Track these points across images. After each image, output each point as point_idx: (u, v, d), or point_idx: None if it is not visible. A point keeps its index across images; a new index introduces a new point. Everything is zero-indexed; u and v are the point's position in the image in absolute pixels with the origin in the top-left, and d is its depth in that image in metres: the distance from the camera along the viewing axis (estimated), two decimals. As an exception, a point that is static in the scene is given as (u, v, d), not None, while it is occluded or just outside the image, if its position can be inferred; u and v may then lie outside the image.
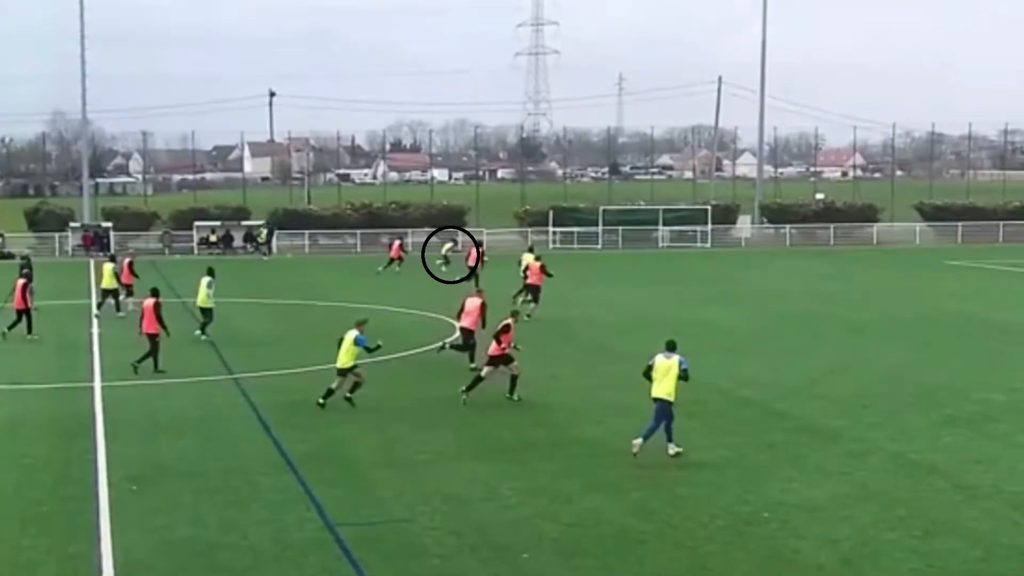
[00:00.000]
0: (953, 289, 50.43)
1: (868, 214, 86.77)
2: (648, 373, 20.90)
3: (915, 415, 24.28)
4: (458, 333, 30.39)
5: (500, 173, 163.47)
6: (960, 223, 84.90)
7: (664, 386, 20.67)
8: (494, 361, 25.52)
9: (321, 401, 24.85)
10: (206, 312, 34.88)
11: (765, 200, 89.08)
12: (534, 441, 22.16)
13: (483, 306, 29.86)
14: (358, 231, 78.55)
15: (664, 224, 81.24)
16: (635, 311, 42.66)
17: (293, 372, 29.50)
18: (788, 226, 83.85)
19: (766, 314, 41.69)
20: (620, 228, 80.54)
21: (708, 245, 79.46)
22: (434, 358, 30.89)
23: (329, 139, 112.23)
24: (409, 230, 78.35)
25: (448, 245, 63.39)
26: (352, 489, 18.86)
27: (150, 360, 29.12)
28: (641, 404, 25.32)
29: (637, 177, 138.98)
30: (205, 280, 35.18)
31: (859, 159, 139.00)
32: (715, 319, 40.01)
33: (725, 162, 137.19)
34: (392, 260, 59.71)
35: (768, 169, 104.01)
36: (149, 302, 29.54)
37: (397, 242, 62.48)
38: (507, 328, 25.52)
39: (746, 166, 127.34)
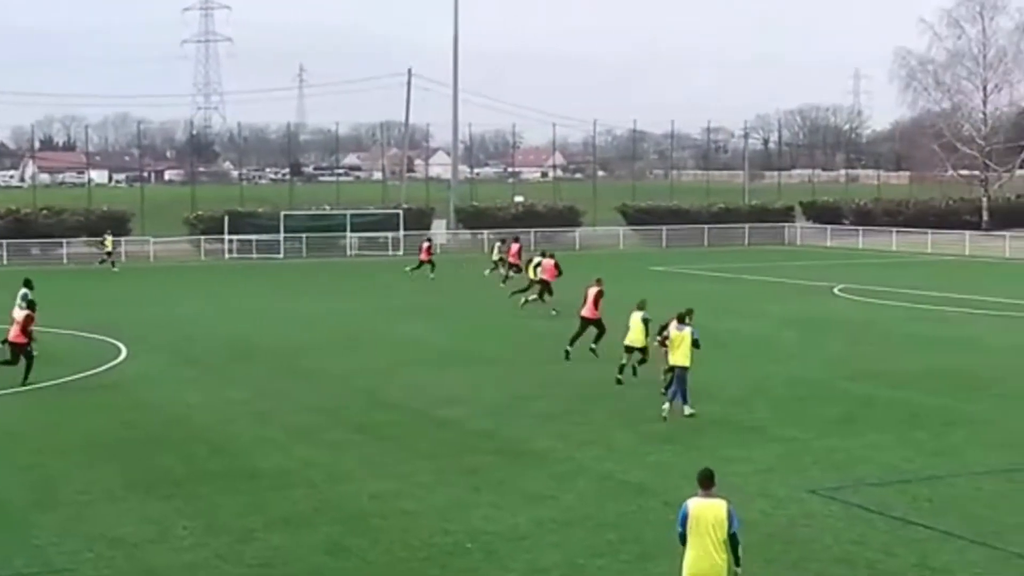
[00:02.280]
0: (659, 297, 52.22)
1: (569, 217, 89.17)
2: (663, 341, 26.33)
3: (623, 432, 25.05)
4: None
5: (168, 174, 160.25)
6: (665, 227, 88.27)
7: (679, 354, 25.87)
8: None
9: (619, 377, 29.66)
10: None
11: (461, 203, 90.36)
12: (211, 473, 21.80)
13: (599, 294, 34.43)
14: (4, 241, 75.45)
15: (352, 230, 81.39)
16: (323, 326, 42.54)
17: (-71, 404, 28.14)
18: (486, 231, 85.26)
19: (466, 326, 42.31)
20: (304, 235, 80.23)
21: (401, 252, 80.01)
22: (91, 384, 30.35)
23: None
24: (64, 240, 75.87)
25: (498, 244, 63.73)
26: (2, 536, 18.12)
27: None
28: (333, 427, 25.34)
29: (321, 178, 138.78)
30: (21, 292, 35.24)
31: (559, 159, 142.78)
32: (412, 332, 40.34)
33: (417, 162, 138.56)
34: (423, 263, 61.23)
35: (463, 169, 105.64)
36: (22, 314, 30.42)
37: (426, 244, 64.08)
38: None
39: (440, 166, 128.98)
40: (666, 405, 25.93)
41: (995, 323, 42.63)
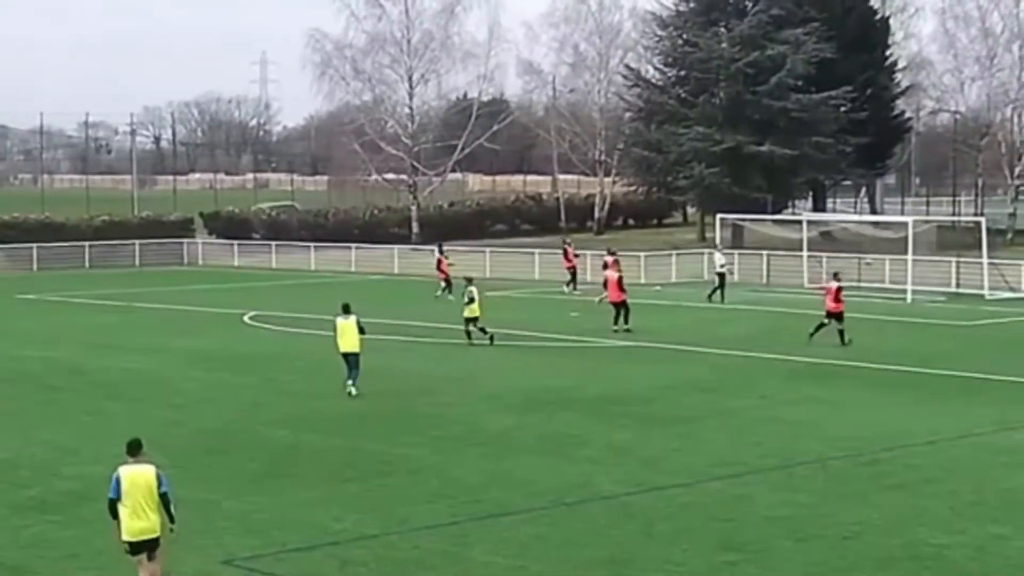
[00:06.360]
0: (31, 331, 51.07)
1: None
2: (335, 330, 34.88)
3: (-5, 502, 24.38)
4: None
5: None
6: (35, 244, 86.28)
7: (347, 341, 34.63)
8: (833, 316, 43.43)
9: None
10: None
11: None
12: None
13: (619, 279, 48.43)
14: None
15: None
16: None
17: None
18: None
19: None
20: None
21: None
22: None
23: None
24: None
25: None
26: None
27: None
28: None
29: None
30: None
31: None
32: None
33: None
34: (446, 281, 63.26)
35: None
36: None
37: (441, 258, 66.47)
38: (840, 289, 43.75)
39: None
40: (349, 381, 34.55)
41: (432, 351, 44.36)
